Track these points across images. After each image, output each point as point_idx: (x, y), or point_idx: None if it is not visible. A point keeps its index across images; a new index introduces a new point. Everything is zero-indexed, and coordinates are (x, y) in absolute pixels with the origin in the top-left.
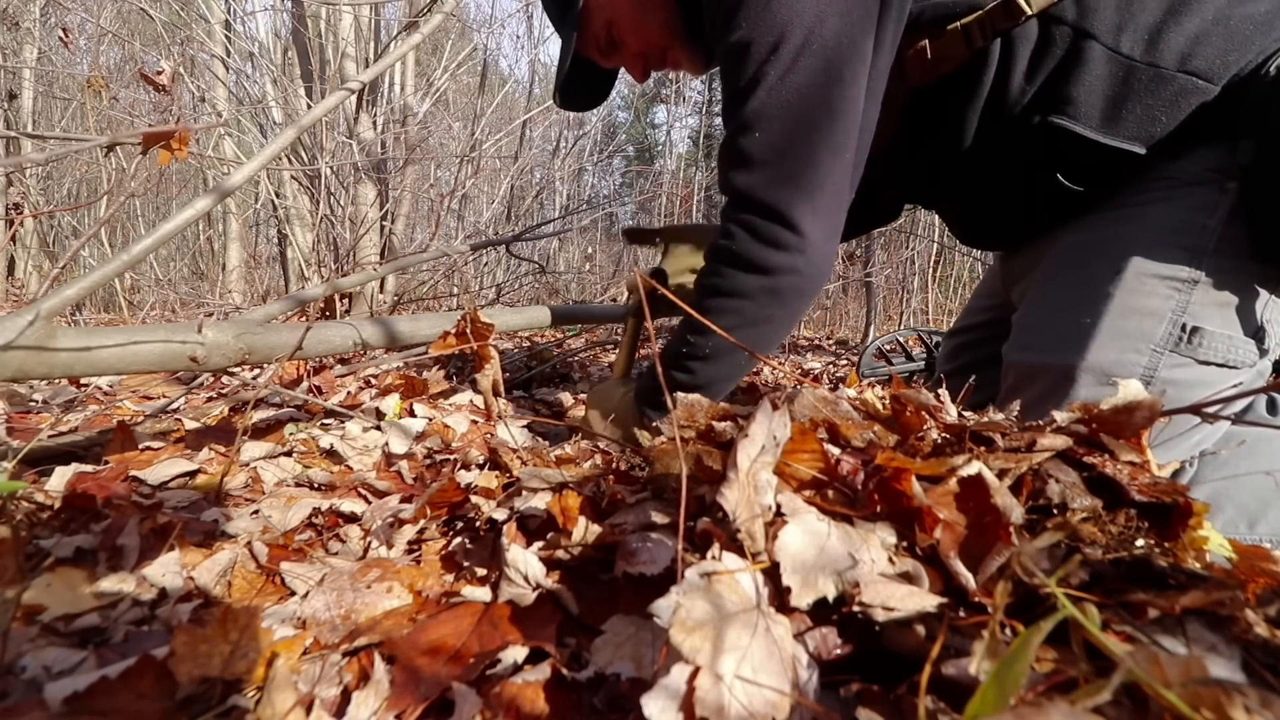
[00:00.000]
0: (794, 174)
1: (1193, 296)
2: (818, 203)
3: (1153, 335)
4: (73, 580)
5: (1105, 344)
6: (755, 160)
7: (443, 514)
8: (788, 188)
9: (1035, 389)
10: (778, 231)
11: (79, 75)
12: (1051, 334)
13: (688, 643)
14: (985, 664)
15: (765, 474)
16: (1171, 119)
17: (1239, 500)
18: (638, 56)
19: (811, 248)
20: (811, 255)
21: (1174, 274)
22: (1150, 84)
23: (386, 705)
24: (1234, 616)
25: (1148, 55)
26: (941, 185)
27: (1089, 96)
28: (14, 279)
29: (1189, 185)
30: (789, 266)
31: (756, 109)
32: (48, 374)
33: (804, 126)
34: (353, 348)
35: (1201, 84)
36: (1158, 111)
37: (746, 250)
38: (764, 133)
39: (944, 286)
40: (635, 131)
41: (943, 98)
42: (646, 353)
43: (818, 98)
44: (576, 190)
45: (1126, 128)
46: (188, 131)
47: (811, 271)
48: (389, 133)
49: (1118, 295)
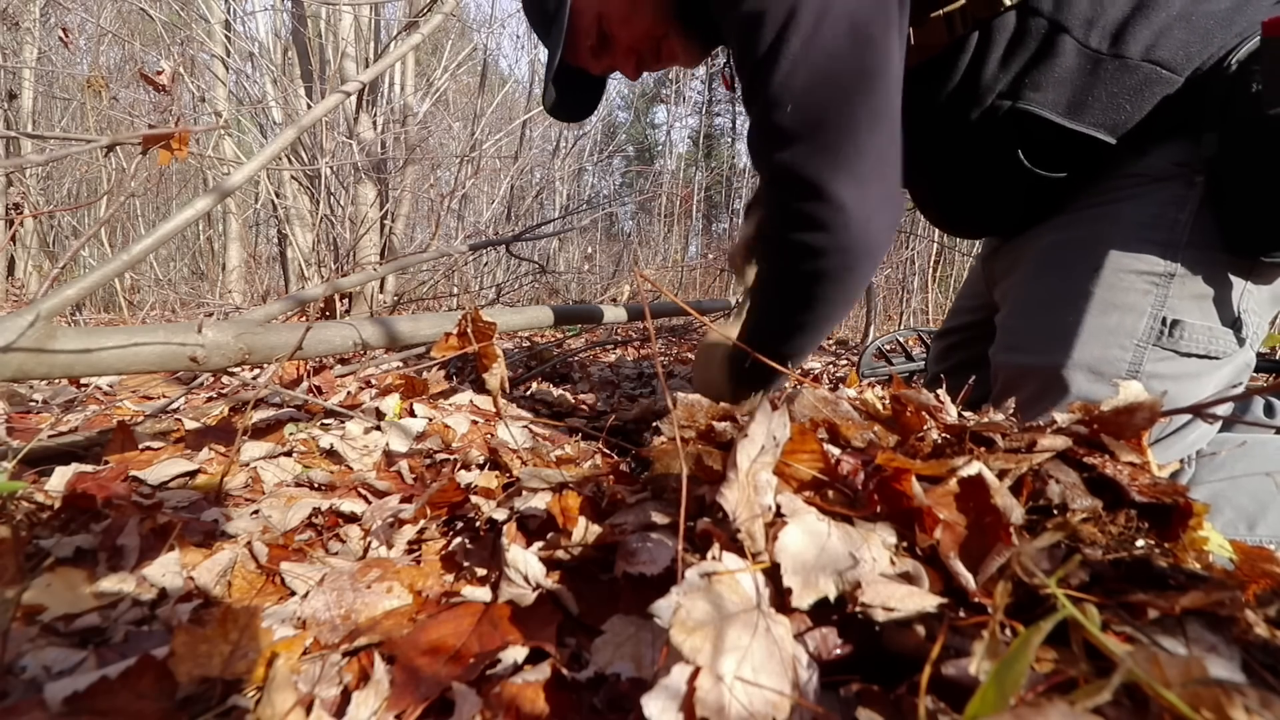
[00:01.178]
0: (831, 145)
1: (1170, 290)
2: (859, 171)
3: (1135, 330)
4: (73, 580)
5: (1090, 341)
6: (790, 134)
7: (443, 514)
8: (825, 160)
9: (1026, 390)
10: (816, 210)
11: (79, 75)
12: (1036, 335)
13: (688, 643)
14: (985, 664)
15: (765, 474)
16: (1136, 108)
17: (1238, 502)
18: (630, 52)
19: (855, 222)
20: (855, 230)
21: (1150, 268)
22: (1116, 73)
23: (386, 705)
24: (1234, 617)
25: (1114, 48)
26: (913, 170)
27: (1057, 85)
28: (14, 279)
29: (1158, 181)
30: (831, 247)
31: (783, 81)
32: (48, 374)
33: (837, 93)
34: (353, 348)
35: (1165, 73)
36: (1122, 99)
37: (786, 235)
38: (795, 105)
39: (944, 286)
40: (635, 131)
41: (917, 84)
42: (647, 352)
43: (847, 62)
44: (576, 190)
45: (1091, 114)
46: (188, 132)
47: (858, 247)
48: (389, 133)
49: (1098, 292)
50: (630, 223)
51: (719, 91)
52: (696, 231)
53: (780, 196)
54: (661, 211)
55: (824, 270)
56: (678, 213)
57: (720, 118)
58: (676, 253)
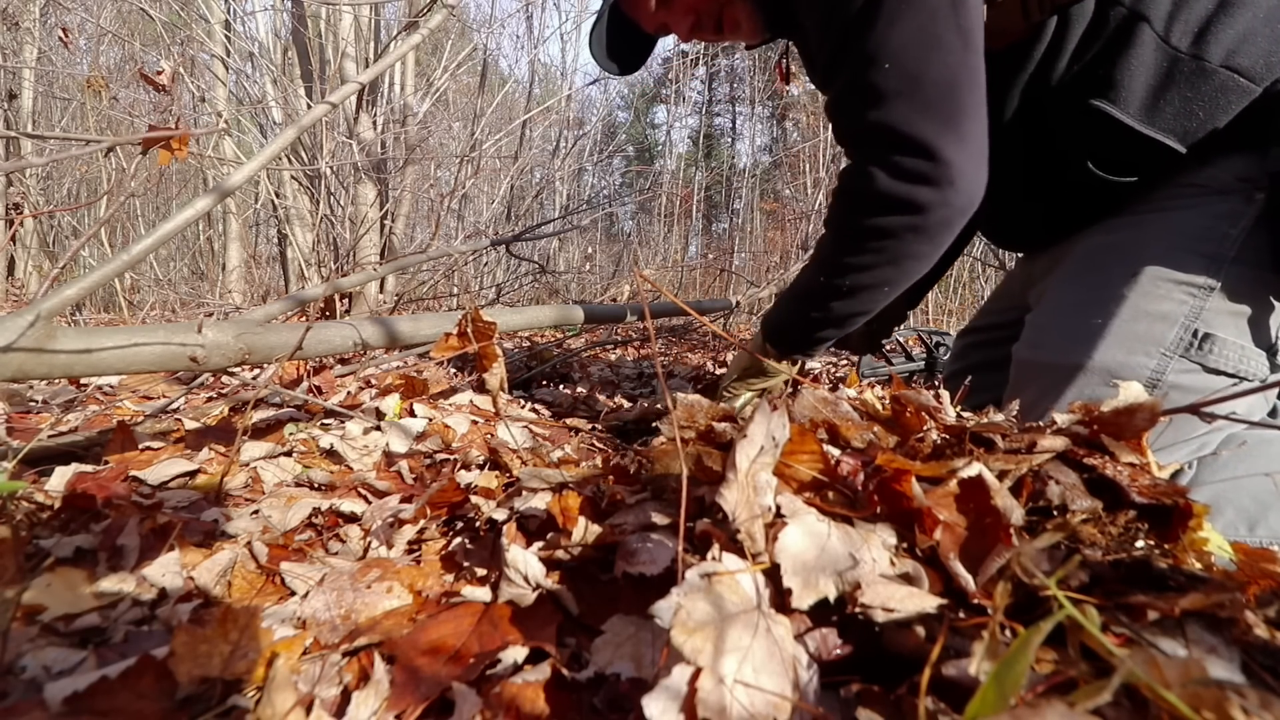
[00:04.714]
0: (934, 102)
1: (1207, 303)
2: (963, 129)
3: (1163, 339)
4: (73, 580)
5: (1114, 345)
6: (890, 92)
7: (443, 514)
8: (929, 117)
9: (1038, 386)
10: (924, 166)
11: (79, 75)
12: (1062, 333)
13: (689, 644)
14: (985, 665)
15: (765, 475)
16: (1209, 116)
17: (1239, 503)
18: (690, 10)
19: (961, 178)
20: (961, 185)
21: (1190, 280)
22: (1192, 76)
23: (386, 705)
24: (1234, 618)
25: (1194, 48)
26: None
27: (1132, 82)
28: (14, 279)
29: (1216, 193)
30: (939, 201)
31: (880, 39)
32: (48, 374)
33: (937, 51)
34: (353, 348)
35: (1243, 82)
36: (1195, 105)
37: (891, 189)
38: (895, 63)
39: (944, 286)
40: (635, 131)
41: (989, 73)
42: (647, 352)
43: (945, 19)
44: (576, 190)
45: (1164, 119)
46: (188, 132)
47: (961, 202)
48: (389, 133)
49: (1131, 297)
50: (630, 223)
51: (719, 91)
52: (696, 231)
53: (880, 154)
54: (661, 211)
55: (923, 226)
56: (678, 213)
57: (720, 118)
58: (676, 253)
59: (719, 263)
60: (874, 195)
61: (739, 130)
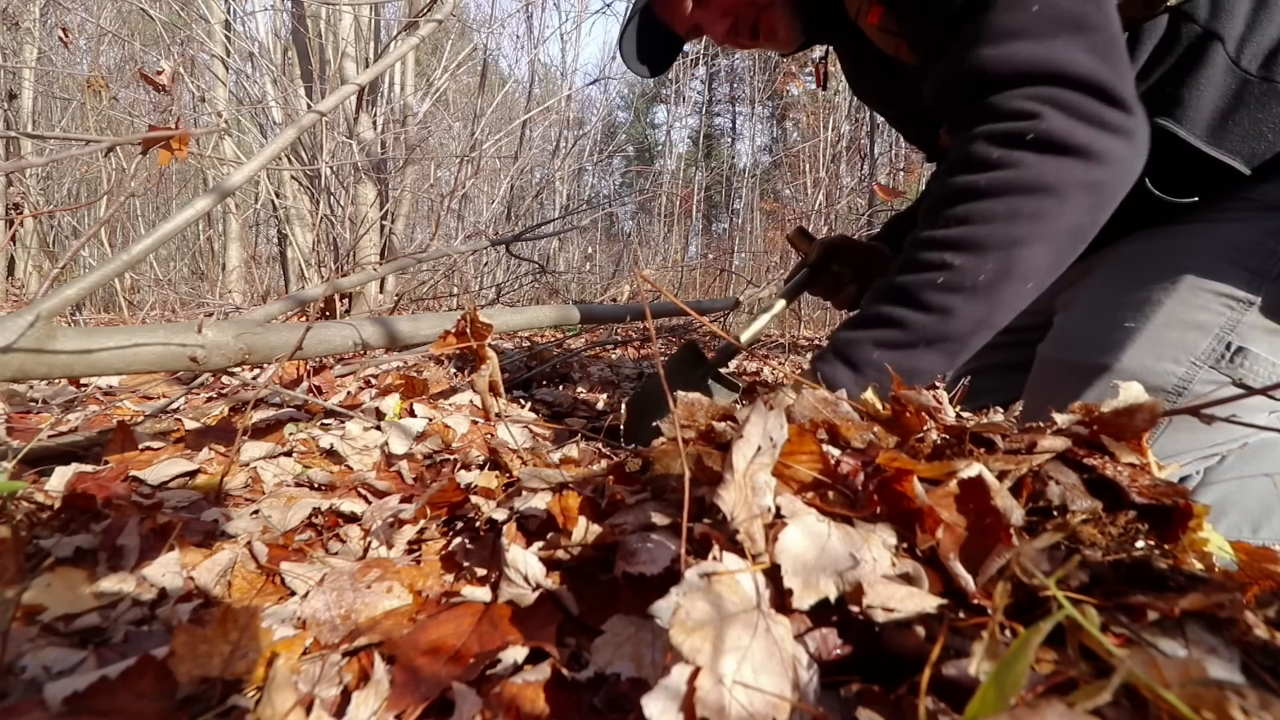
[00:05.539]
0: (1100, 46)
1: (1245, 317)
2: (1130, 85)
3: (1195, 348)
4: (73, 580)
5: (1144, 349)
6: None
7: (443, 514)
8: (1102, 61)
9: (1061, 385)
10: (1105, 110)
11: (79, 75)
12: (1092, 333)
13: (688, 643)
14: (985, 665)
15: (763, 475)
16: (1278, 137)
17: (1243, 504)
18: (726, 14)
19: (1140, 134)
20: (1139, 144)
21: (1230, 292)
22: (1262, 98)
23: (386, 705)
24: (1234, 619)
25: (1264, 70)
26: None
27: (1199, 102)
28: (14, 279)
29: (1269, 209)
30: (1119, 155)
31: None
32: (48, 374)
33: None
34: (353, 348)
35: None
36: (1264, 127)
37: (1066, 131)
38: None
39: None
40: (635, 131)
41: None
42: (648, 352)
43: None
44: (576, 190)
45: (1231, 140)
46: (188, 133)
47: (1137, 165)
48: (389, 133)
49: (1168, 304)
50: (630, 223)
51: (719, 91)
52: (696, 231)
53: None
54: (661, 211)
55: (1099, 182)
56: (678, 213)
57: (720, 118)
58: (676, 253)
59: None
60: (1038, 137)
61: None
